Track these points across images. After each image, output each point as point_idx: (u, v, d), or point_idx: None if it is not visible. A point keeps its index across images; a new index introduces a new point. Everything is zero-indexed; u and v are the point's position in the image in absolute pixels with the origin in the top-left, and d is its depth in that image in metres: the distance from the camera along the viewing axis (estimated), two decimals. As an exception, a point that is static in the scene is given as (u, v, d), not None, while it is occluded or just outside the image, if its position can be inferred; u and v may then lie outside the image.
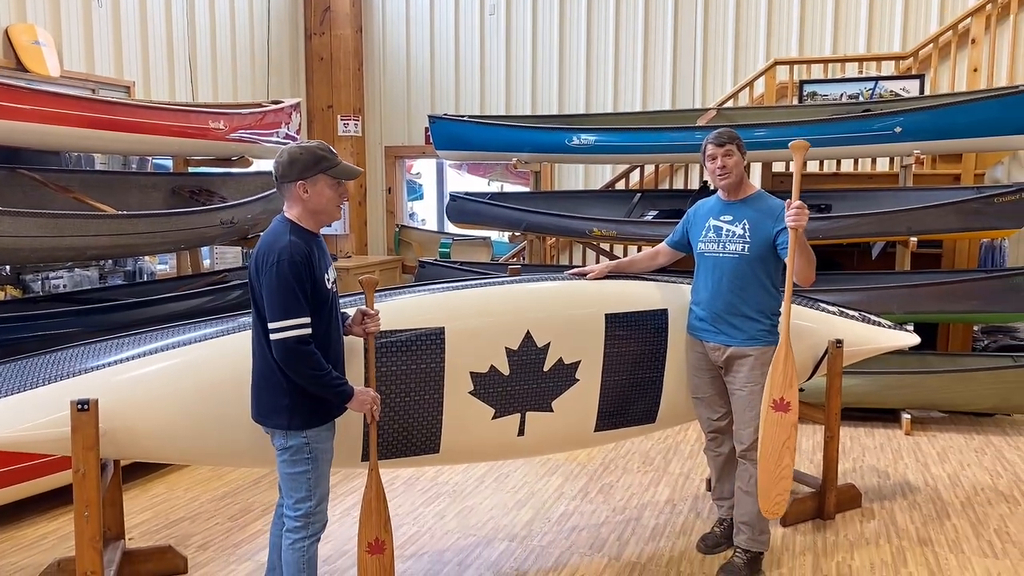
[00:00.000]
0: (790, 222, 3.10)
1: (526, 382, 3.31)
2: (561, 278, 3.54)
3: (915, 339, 4.14)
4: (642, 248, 7.03)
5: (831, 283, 5.72)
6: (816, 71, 7.43)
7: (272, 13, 8.64)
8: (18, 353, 3.18)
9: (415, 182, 10.55)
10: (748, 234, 3.27)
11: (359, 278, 2.88)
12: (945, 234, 5.72)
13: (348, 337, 2.85)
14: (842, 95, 6.96)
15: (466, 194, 6.69)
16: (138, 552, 3.34)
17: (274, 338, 2.51)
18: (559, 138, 6.45)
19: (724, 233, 3.34)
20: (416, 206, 10.59)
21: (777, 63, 7.24)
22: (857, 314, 4.11)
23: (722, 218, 3.37)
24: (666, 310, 3.55)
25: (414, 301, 3.20)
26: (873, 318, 4.18)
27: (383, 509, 2.81)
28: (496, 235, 8.69)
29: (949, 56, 6.91)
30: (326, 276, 2.65)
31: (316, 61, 9.23)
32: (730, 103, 7.42)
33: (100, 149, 5.31)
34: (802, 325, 3.79)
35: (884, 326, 4.16)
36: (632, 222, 6.19)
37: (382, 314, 3.05)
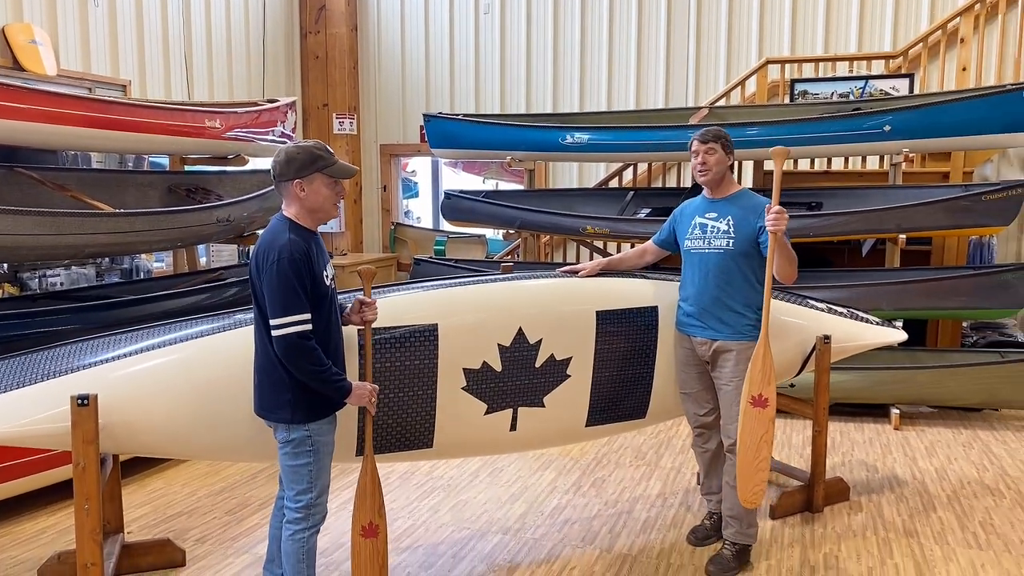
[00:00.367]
0: (770, 226, 3.17)
1: (518, 378, 3.36)
2: (553, 276, 3.60)
3: (902, 336, 4.20)
4: (634, 246, 7.11)
5: (822, 280, 5.79)
6: (807, 70, 7.49)
7: (267, 12, 8.68)
8: (16, 350, 3.23)
9: (410, 180, 10.59)
10: (733, 230, 3.34)
11: (358, 269, 2.94)
12: (934, 231, 5.77)
13: (346, 330, 2.90)
14: (833, 94, 7.02)
15: (460, 192, 6.74)
16: (137, 545, 3.39)
17: (276, 334, 2.56)
18: (553, 136, 6.50)
19: (709, 229, 3.41)
20: (411, 204, 10.63)
21: (768, 62, 7.30)
22: (845, 311, 4.17)
23: (707, 215, 3.44)
24: (656, 307, 3.60)
25: (408, 298, 3.26)
26: (861, 315, 4.24)
27: (377, 494, 2.86)
28: (491, 233, 8.74)
29: (938, 55, 6.97)
30: (325, 273, 2.70)
31: (311, 59, 9.26)
32: (722, 102, 7.47)
33: (97, 148, 5.34)
34: (791, 322, 3.86)
35: (872, 323, 4.23)
36: (625, 220, 6.24)
37: (378, 311, 3.11)
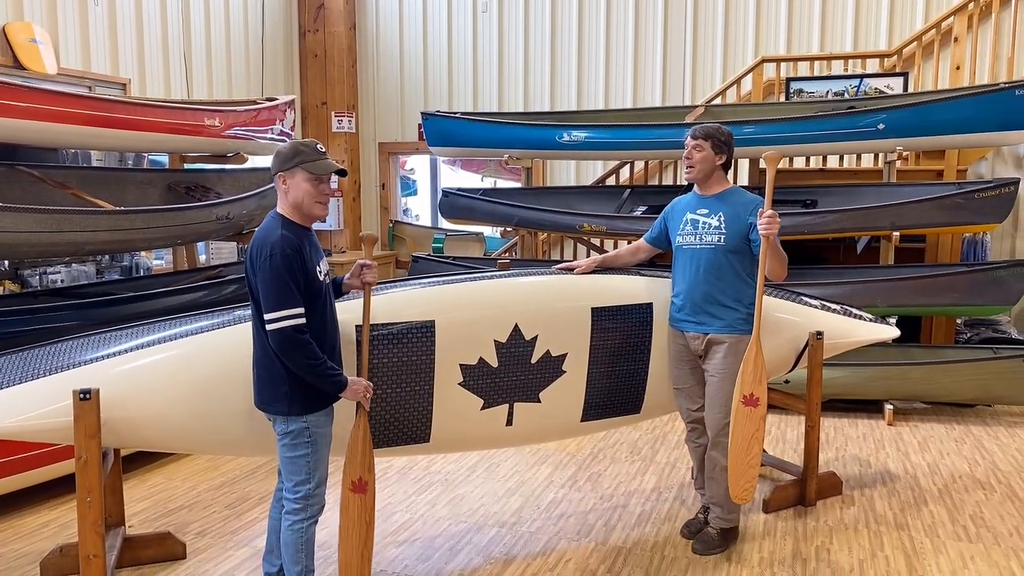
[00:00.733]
0: (762, 230, 3.23)
1: (514, 374, 3.41)
2: (549, 273, 3.64)
3: (894, 332, 4.25)
4: (630, 243, 7.15)
5: (816, 277, 5.84)
6: (803, 69, 7.54)
7: (266, 10, 8.72)
8: (18, 346, 3.27)
9: (409, 178, 10.63)
10: (724, 226, 3.39)
11: (360, 234, 2.98)
12: (928, 229, 5.82)
13: (344, 328, 2.95)
14: (828, 92, 7.07)
15: (458, 190, 6.78)
16: (138, 538, 3.44)
17: (270, 328, 2.61)
18: (550, 134, 6.54)
19: (701, 225, 3.45)
20: (410, 202, 10.67)
21: (764, 61, 7.35)
22: (839, 307, 4.22)
23: (698, 211, 3.49)
24: (651, 304, 3.65)
25: (406, 295, 3.30)
26: (854, 311, 4.28)
27: (368, 451, 2.87)
28: (489, 231, 8.78)
29: (932, 54, 7.02)
30: (318, 269, 2.75)
31: (310, 58, 9.30)
32: (718, 100, 7.52)
33: (98, 146, 5.38)
34: (784, 318, 3.91)
35: (865, 319, 4.27)
36: (622, 217, 6.29)
37: (375, 308, 3.15)
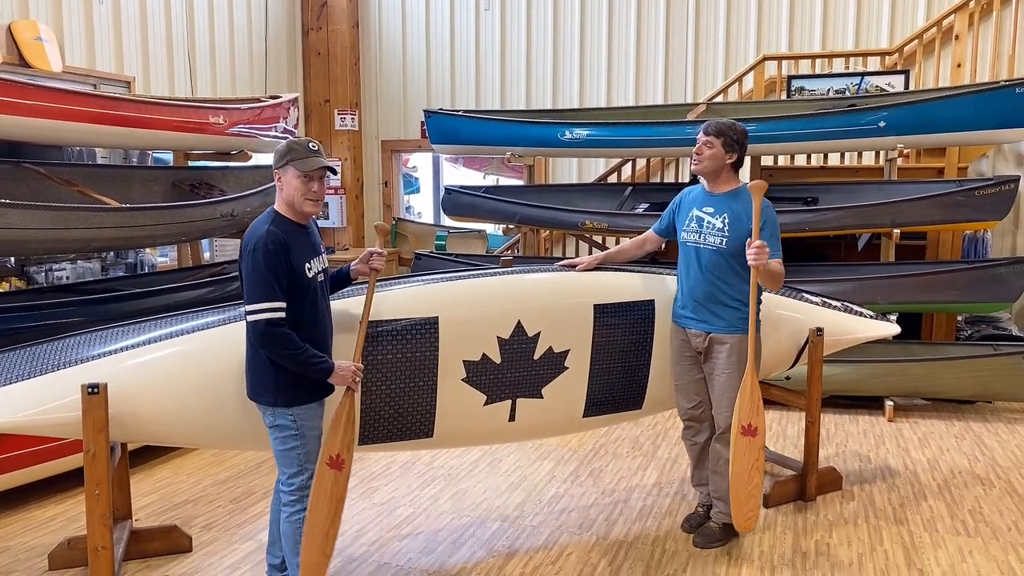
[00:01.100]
0: (751, 261, 3.25)
1: (517, 370, 3.44)
2: (551, 269, 3.67)
3: (895, 329, 4.27)
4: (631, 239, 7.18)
5: (817, 274, 5.86)
6: (804, 67, 7.56)
7: (269, 9, 8.75)
8: (25, 341, 3.31)
9: (411, 176, 10.66)
10: (727, 228, 3.38)
11: (374, 224, 3.01)
12: (929, 226, 5.85)
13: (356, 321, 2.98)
14: (829, 90, 7.09)
15: (461, 187, 6.81)
16: (145, 531, 3.48)
17: (249, 320, 2.68)
18: (552, 132, 6.57)
19: (705, 224, 3.45)
20: (412, 199, 10.70)
21: (766, 59, 7.37)
22: (840, 304, 4.25)
23: (704, 209, 3.48)
24: (652, 301, 3.68)
25: (410, 291, 3.33)
26: (855, 308, 4.31)
27: (351, 430, 2.87)
28: (491, 228, 8.81)
29: (933, 52, 7.04)
30: (307, 265, 2.78)
31: (313, 56, 9.33)
32: (720, 98, 7.54)
33: (103, 144, 5.42)
34: (785, 315, 3.94)
35: (866, 316, 4.29)
36: (623, 215, 6.32)
37: (380, 303, 3.19)
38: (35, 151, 5.43)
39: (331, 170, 2.86)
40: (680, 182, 7.53)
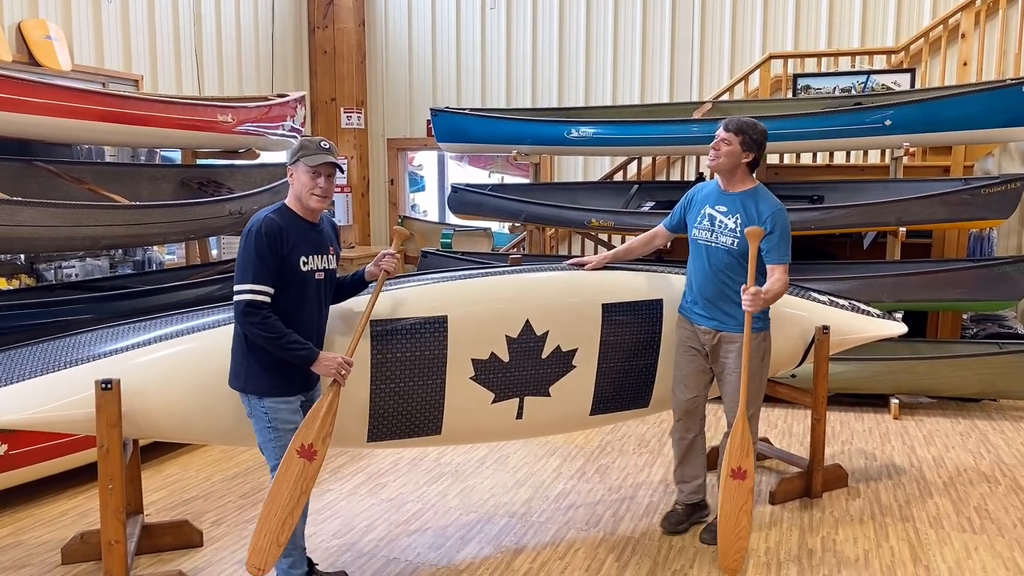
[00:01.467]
0: (746, 306, 3.26)
1: (525, 368, 3.46)
2: (560, 268, 3.69)
3: (902, 328, 4.28)
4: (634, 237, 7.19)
5: (823, 272, 5.88)
6: (810, 65, 7.56)
7: (276, 7, 8.78)
8: (37, 338, 3.33)
9: (417, 174, 10.69)
10: (739, 229, 3.36)
11: (393, 227, 3.03)
12: (934, 224, 5.86)
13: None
14: (835, 89, 7.09)
15: (467, 186, 6.83)
16: (156, 526, 3.51)
17: (234, 299, 2.76)
18: (559, 130, 6.59)
19: (717, 224, 3.44)
20: (417, 197, 10.74)
21: (772, 57, 7.38)
22: (847, 303, 4.26)
23: (717, 207, 3.46)
24: (661, 300, 3.70)
25: (419, 290, 3.35)
26: (862, 307, 4.32)
27: (328, 424, 2.85)
28: (496, 226, 8.84)
29: (940, 50, 7.04)
30: (303, 259, 2.82)
31: (319, 55, 9.36)
32: (725, 96, 7.55)
33: (113, 142, 5.45)
34: (793, 313, 3.95)
35: (873, 315, 4.30)
36: (629, 213, 6.33)
37: (390, 302, 3.21)
38: (44, 149, 5.47)
39: (339, 168, 2.89)
40: (686, 180, 7.54)
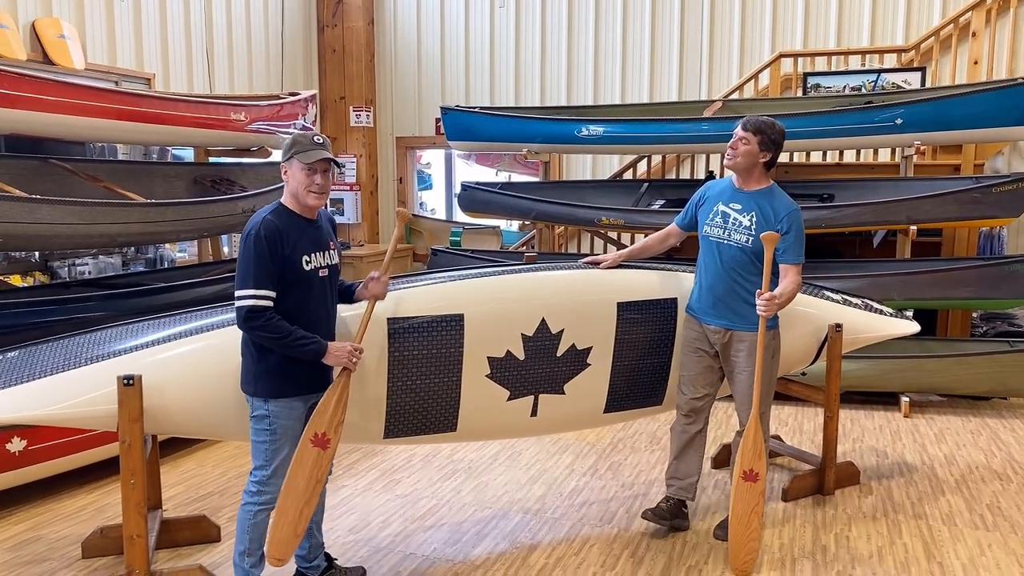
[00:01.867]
0: (760, 311, 3.26)
1: (540, 366, 3.48)
2: (575, 267, 3.70)
3: (915, 327, 4.27)
4: (647, 235, 7.21)
5: (833, 271, 5.89)
6: (820, 63, 7.57)
7: (286, 6, 8.80)
8: (54, 334, 3.36)
9: (424, 172, 10.71)
10: (754, 227, 3.36)
11: (396, 209, 3.02)
12: (945, 223, 5.86)
13: (376, 319, 3.01)
14: (845, 87, 7.10)
15: (477, 184, 6.86)
16: (175, 521, 3.54)
17: (236, 305, 2.72)
18: (569, 129, 6.61)
19: (731, 221, 3.44)
20: (425, 196, 10.75)
21: (782, 56, 7.39)
22: (860, 302, 4.27)
23: (731, 205, 3.46)
24: (675, 299, 3.71)
25: (436, 288, 3.37)
26: (875, 306, 4.33)
27: (340, 412, 2.85)
28: (504, 224, 8.86)
29: (950, 49, 7.05)
30: (305, 258, 2.78)
31: (329, 53, 9.39)
32: (735, 95, 7.56)
33: (127, 140, 5.46)
34: (806, 312, 3.96)
35: (885, 314, 4.31)
36: (640, 211, 6.35)
37: (405, 300, 3.23)
38: (58, 147, 5.50)
39: (336, 163, 2.83)
40: (696, 179, 7.56)
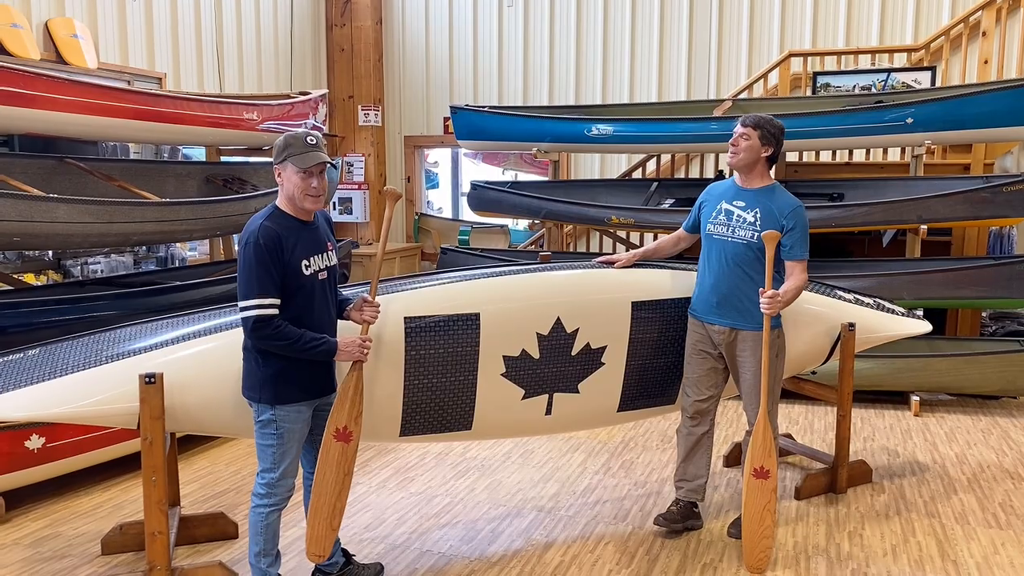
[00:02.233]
0: (764, 309, 3.27)
1: (555, 365, 3.50)
2: (590, 266, 3.72)
3: (927, 327, 4.28)
4: (657, 236, 7.22)
5: (843, 270, 5.90)
6: (829, 63, 7.57)
7: (295, 5, 8.83)
8: (70, 333, 3.39)
9: (431, 171, 10.73)
10: (759, 223, 3.37)
11: (382, 189, 2.99)
12: (954, 222, 5.86)
13: (393, 319, 3.03)
14: (855, 87, 7.11)
15: (487, 183, 6.87)
16: (193, 518, 3.57)
17: (240, 315, 2.70)
18: (579, 128, 6.62)
19: (735, 218, 3.44)
20: (431, 194, 10.77)
21: (792, 55, 7.39)
22: (872, 301, 4.28)
23: (735, 203, 3.46)
24: (689, 298, 3.71)
25: (452, 287, 3.39)
26: (887, 305, 4.34)
27: (358, 403, 2.88)
28: (512, 223, 8.89)
29: (960, 48, 7.04)
30: (304, 262, 2.75)
31: (337, 52, 9.41)
32: (745, 94, 7.57)
33: (141, 139, 5.50)
34: (819, 311, 3.97)
35: (897, 313, 4.32)
36: (650, 210, 6.36)
37: (422, 298, 3.26)
38: (71, 147, 5.54)
39: (332, 164, 2.79)
40: (705, 178, 7.57)
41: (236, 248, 7.09)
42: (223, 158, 6.50)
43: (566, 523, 3.79)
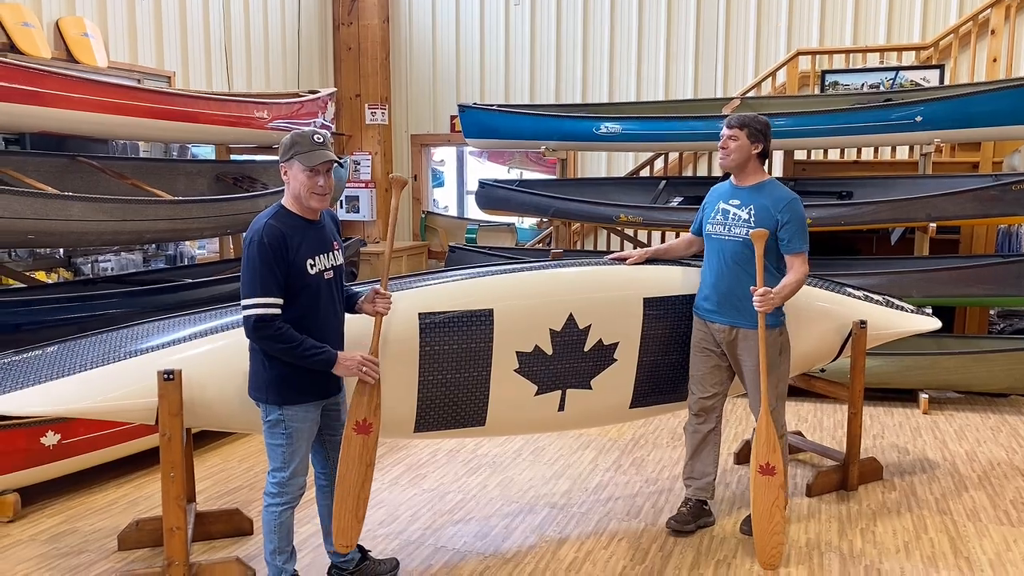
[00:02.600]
0: (757, 307, 3.30)
1: (567, 361, 3.51)
2: (602, 263, 3.74)
3: (936, 324, 4.30)
4: (665, 233, 7.24)
5: (851, 268, 5.91)
6: (838, 61, 7.57)
7: (302, 4, 8.84)
8: (85, 330, 3.42)
9: (436, 169, 10.75)
10: (753, 219, 3.40)
11: (390, 175, 3.01)
12: (963, 220, 5.87)
13: (407, 315, 3.04)
14: (863, 85, 7.11)
15: (495, 181, 6.89)
16: (209, 514, 3.59)
17: (242, 314, 2.68)
18: (587, 126, 6.63)
19: (731, 216, 3.48)
20: (437, 193, 10.79)
21: (800, 53, 7.39)
22: (881, 298, 4.29)
23: (731, 202, 3.51)
24: (701, 294, 3.74)
25: (465, 284, 3.41)
26: (897, 303, 4.35)
27: (376, 396, 2.88)
28: (518, 221, 8.90)
29: (969, 46, 7.04)
30: (310, 262, 2.73)
31: (344, 51, 9.43)
32: (753, 92, 7.57)
33: (151, 137, 5.52)
34: (829, 308, 3.99)
35: (907, 310, 4.33)
36: (658, 208, 6.38)
37: (436, 295, 3.27)
38: (82, 145, 5.55)
39: (339, 163, 2.78)
40: (713, 176, 7.58)
41: (245, 246, 7.12)
42: (233, 156, 6.52)
43: (579, 520, 3.80)
